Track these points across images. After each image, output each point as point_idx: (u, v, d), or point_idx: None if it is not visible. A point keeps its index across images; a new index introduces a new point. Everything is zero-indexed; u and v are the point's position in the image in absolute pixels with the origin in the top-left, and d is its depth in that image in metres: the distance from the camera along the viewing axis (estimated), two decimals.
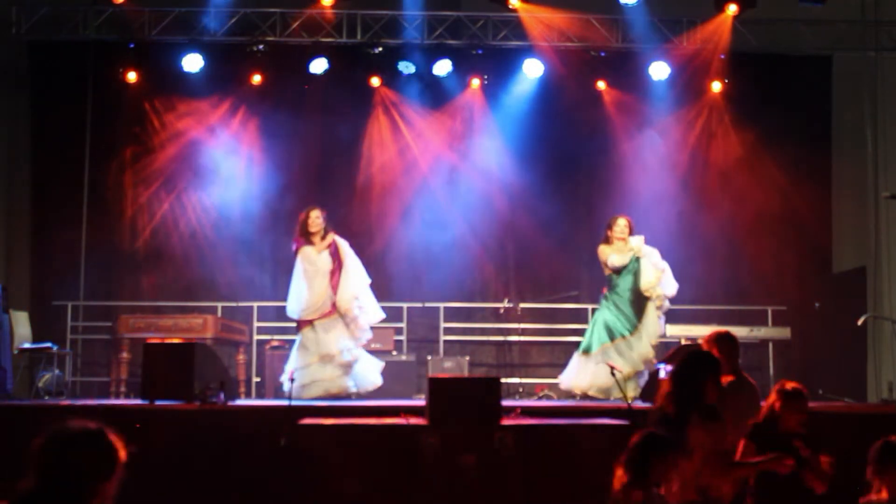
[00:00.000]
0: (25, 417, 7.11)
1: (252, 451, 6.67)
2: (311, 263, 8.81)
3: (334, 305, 8.77)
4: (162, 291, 11.24)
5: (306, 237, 8.91)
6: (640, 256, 9.12)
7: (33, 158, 11.34)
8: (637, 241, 9.20)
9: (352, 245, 9.07)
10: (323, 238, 8.92)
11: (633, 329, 9.04)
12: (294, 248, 8.97)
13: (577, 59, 11.20)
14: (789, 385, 4.91)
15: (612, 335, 9.05)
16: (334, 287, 8.78)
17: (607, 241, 9.30)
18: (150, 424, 6.81)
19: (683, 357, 4.74)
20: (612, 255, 9.18)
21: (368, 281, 9.01)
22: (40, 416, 7.03)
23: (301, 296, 8.80)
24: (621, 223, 9.29)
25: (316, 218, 8.92)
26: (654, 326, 9.13)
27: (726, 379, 5.22)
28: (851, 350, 10.18)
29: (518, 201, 11.43)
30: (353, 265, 8.93)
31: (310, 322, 8.78)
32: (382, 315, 9.12)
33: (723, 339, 5.39)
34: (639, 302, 9.08)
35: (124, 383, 9.94)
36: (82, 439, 2.78)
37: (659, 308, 9.16)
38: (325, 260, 8.83)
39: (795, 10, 10.79)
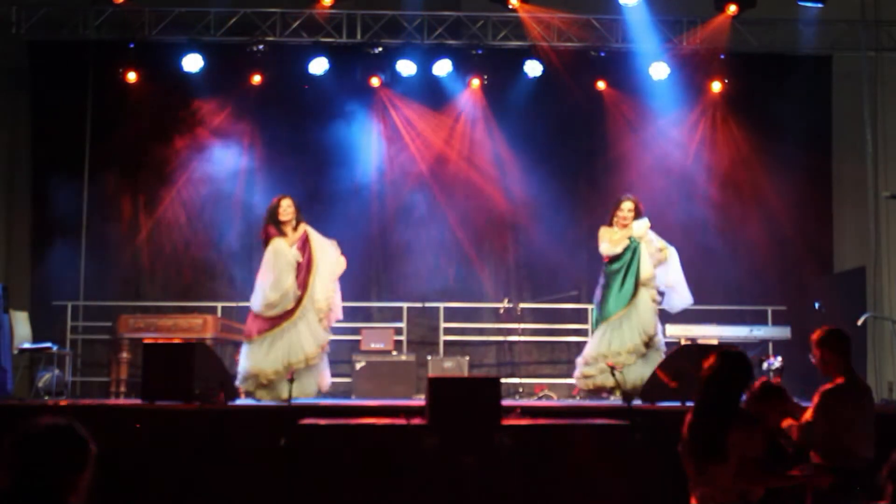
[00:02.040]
0: (25, 417, 7.10)
1: (252, 451, 6.67)
2: (279, 258, 8.41)
3: (297, 303, 8.38)
4: (162, 291, 11.25)
5: (277, 227, 8.51)
6: (641, 242, 8.72)
7: (33, 158, 11.34)
8: (640, 227, 8.77)
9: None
10: (295, 228, 8.54)
11: (624, 306, 8.59)
12: (263, 237, 8.59)
13: (577, 59, 11.20)
14: (763, 384, 4.87)
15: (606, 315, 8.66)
16: (301, 284, 8.43)
17: (610, 222, 8.87)
18: (150, 424, 6.81)
19: (720, 359, 4.38)
20: (603, 243, 8.75)
21: (341, 270, 8.64)
22: (40, 416, 7.01)
23: (265, 289, 8.38)
24: (625, 207, 8.76)
25: (287, 206, 8.52)
26: (647, 314, 8.59)
27: (838, 380, 5.03)
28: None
29: (518, 201, 11.43)
30: (324, 261, 8.52)
31: (268, 326, 8.35)
32: (340, 315, 8.73)
33: (835, 338, 5.09)
34: (632, 287, 8.63)
35: (124, 383, 9.95)
36: (53, 435, 2.79)
37: (654, 301, 8.70)
38: (294, 255, 8.45)
39: (795, 10, 10.80)
